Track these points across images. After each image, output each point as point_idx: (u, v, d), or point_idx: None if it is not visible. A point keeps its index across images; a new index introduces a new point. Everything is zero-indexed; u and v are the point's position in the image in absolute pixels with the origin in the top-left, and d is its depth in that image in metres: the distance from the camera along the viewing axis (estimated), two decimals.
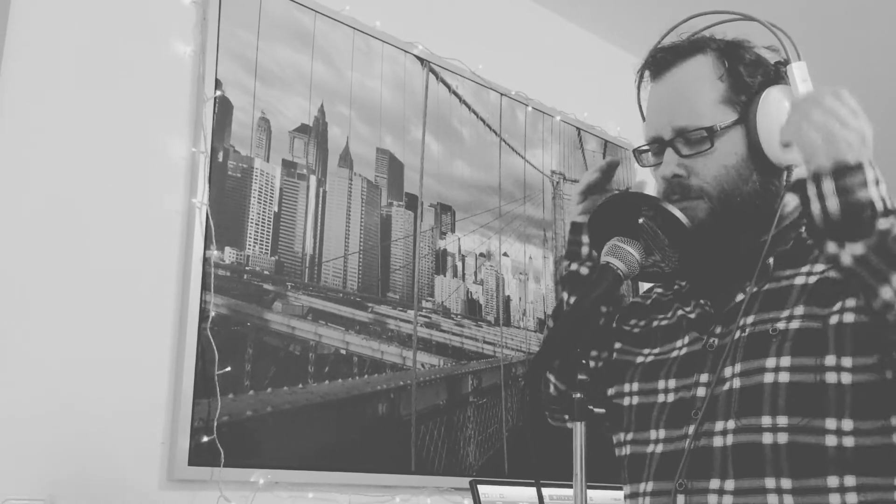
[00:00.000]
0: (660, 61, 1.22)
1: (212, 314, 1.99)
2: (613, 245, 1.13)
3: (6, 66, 1.82)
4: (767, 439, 1.06)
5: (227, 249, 2.06)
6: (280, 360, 2.10)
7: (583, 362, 1.31)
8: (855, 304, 1.05)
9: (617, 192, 1.31)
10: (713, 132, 1.15)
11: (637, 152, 1.25)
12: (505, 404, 2.58)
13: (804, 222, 1.17)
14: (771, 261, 1.16)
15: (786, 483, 1.04)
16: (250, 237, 2.11)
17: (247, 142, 2.16)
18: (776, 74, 1.18)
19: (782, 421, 1.06)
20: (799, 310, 1.10)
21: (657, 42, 1.24)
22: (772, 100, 1.14)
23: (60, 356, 1.79)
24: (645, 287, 1.40)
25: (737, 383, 1.11)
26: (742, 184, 1.15)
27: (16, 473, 1.70)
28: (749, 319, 1.14)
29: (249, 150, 2.16)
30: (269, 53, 2.24)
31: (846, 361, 1.05)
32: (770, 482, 1.05)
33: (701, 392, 1.15)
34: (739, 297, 1.17)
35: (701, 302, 1.22)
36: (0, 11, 1.83)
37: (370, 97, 2.44)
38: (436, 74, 2.63)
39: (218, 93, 2.11)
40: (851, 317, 1.06)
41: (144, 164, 1.99)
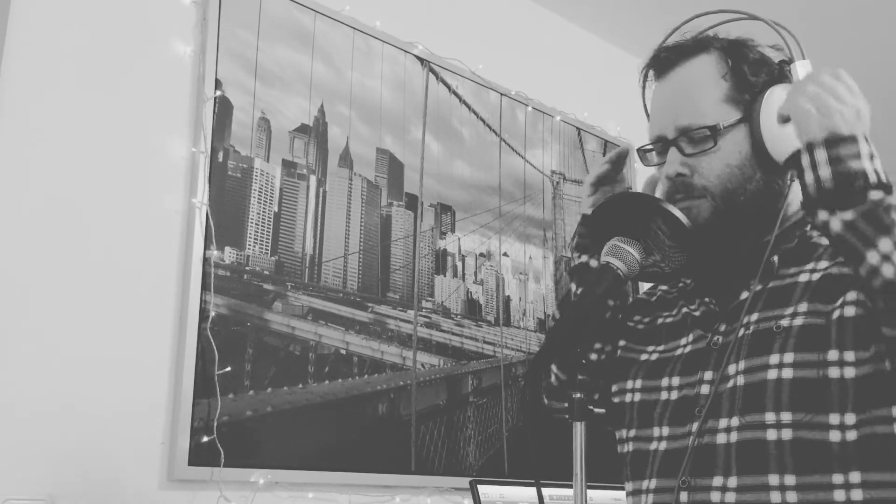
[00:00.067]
0: (664, 60, 1.22)
1: (212, 314, 1.99)
2: (613, 245, 1.13)
3: (6, 66, 1.82)
4: (771, 436, 1.06)
5: (227, 249, 2.06)
6: (280, 360, 2.10)
7: (583, 362, 1.32)
8: (855, 298, 1.05)
9: (617, 193, 1.31)
10: (717, 131, 1.15)
11: (641, 151, 1.25)
12: (505, 404, 2.58)
13: (809, 221, 1.17)
14: (776, 259, 1.16)
15: (789, 480, 1.04)
16: (250, 237, 2.12)
17: (247, 142, 2.16)
18: (780, 73, 1.18)
19: (786, 417, 1.06)
20: (802, 306, 1.10)
21: (661, 41, 1.24)
22: (775, 98, 1.13)
23: (60, 356, 1.79)
24: (648, 284, 1.40)
25: (741, 380, 1.11)
26: (746, 182, 1.15)
27: (16, 473, 1.70)
28: (753, 317, 1.14)
29: (249, 150, 2.16)
30: (269, 53, 2.24)
31: (848, 356, 1.05)
32: (774, 479, 1.05)
33: (705, 389, 1.15)
34: (744, 295, 1.17)
35: (706, 300, 1.22)
36: (0, 11, 1.83)
37: (370, 97, 2.44)
38: (436, 74, 2.63)
39: (218, 93, 2.11)
40: (852, 310, 1.05)
41: (144, 164, 1.99)
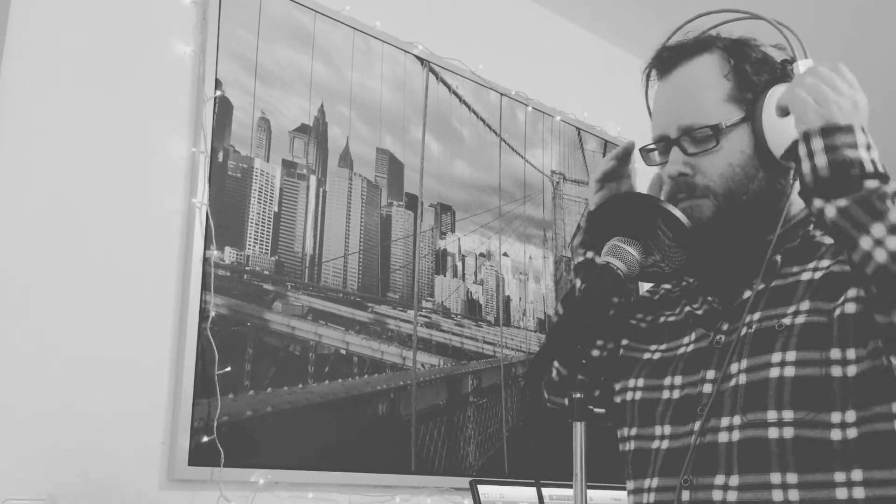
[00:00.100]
0: (666, 60, 1.22)
1: (212, 314, 1.99)
2: (613, 245, 1.14)
3: (6, 66, 1.82)
4: (773, 434, 1.06)
5: (227, 249, 2.06)
6: (280, 360, 2.10)
7: (583, 362, 1.31)
8: (856, 294, 1.05)
9: (617, 193, 1.31)
10: (719, 130, 1.15)
11: (644, 151, 1.25)
12: (505, 404, 2.58)
13: (812, 220, 1.17)
14: (779, 258, 1.16)
15: (791, 478, 1.04)
16: (250, 237, 2.12)
17: (247, 142, 2.16)
18: (783, 72, 1.18)
19: (788, 415, 1.05)
20: (805, 305, 1.10)
21: (664, 41, 1.24)
22: (777, 97, 1.13)
23: (60, 356, 1.79)
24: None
25: (742, 379, 1.10)
26: (748, 182, 1.15)
27: (16, 473, 1.70)
28: (756, 316, 1.14)
29: (249, 150, 2.16)
30: (269, 53, 2.24)
31: (850, 353, 1.05)
32: (776, 477, 1.05)
33: (707, 388, 1.15)
34: (746, 294, 1.17)
35: (709, 299, 1.22)
36: (0, 11, 1.83)
37: (370, 97, 2.44)
38: (436, 74, 2.63)
39: (218, 93, 2.11)
40: (853, 307, 1.05)
41: (144, 164, 1.99)
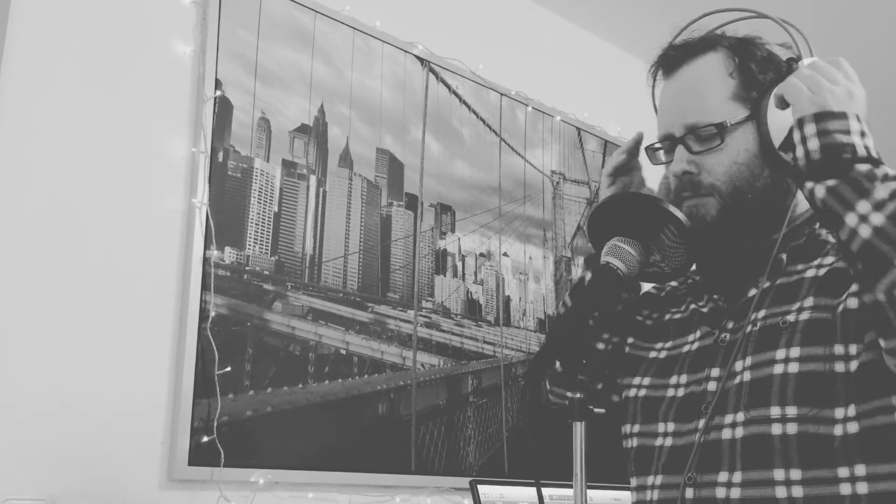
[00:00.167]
0: (672, 59, 1.22)
1: (212, 314, 1.99)
2: (613, 245, 1.13)
3: (6, 66, 1.82)
4: (777, 430, 1.06)
5: (227, 249, 2.06)
6: (280, 360, 2.09)
7: (583, 362, 1.31)
8: (858, 288, 1.05)
9: (616, 193, 1.31)
10: (724, 128, 1.15)
11: (649, 150, 1.25)
12: (505, 404, 2.58)
13: (818, 226, 1.17)
14: (784, 256, 1.16)
15: (795, 474, 1.04)
16: (250, 237, 2.11)
17: (247, 142, 2.16)
18: (788, 70, 1.17)
19: (791, 411, 1.05)
20: (808, 301, 1.10)
21: (671, 40, 1.24)
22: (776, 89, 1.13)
23: (60, 356, 1.79)
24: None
25: (747, 376, 1.10)
26: (754, 180, 1.15)
27: (16, 473, 1.70)
28: (760, 314, 1.14)
29: (249, 150, 2.16)
30: (269, 53, 2.24)
31: (852, 349, 1.05)
32: (779, 474, 1.05)
33: (712, 386, 1.15)
34: (752, 293, 1.17)
35: (714, 297, 1.22)
36: (0, 11, 1.83)
37: (370, 97, 2.44)
38: (436, 74, 2.63)
39: (218, 93, 2.11)
40: (855, 301, 1.05)
41: (144, 164, 1.99)
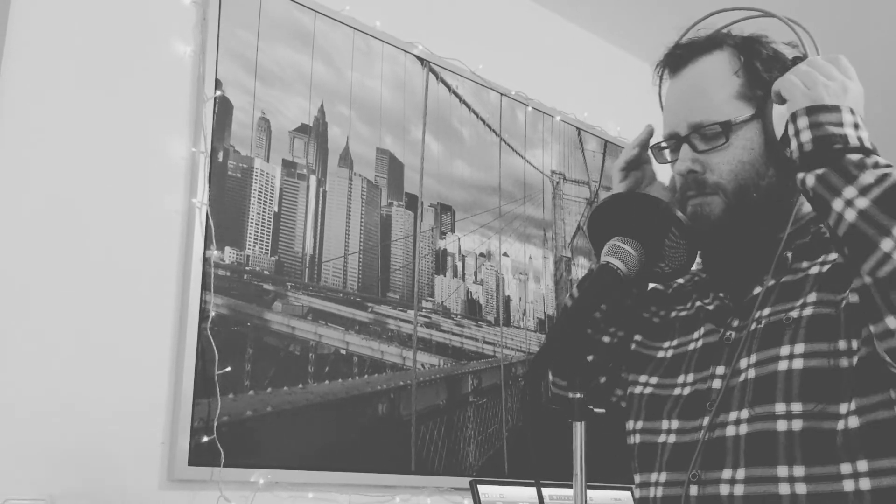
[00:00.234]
0: (677, 58, 1.22)
1: (212, 314, 1.99)
2: (613, 245, 1.14)
3: (6, 66, 1.82)
4: (782, 426, 1.06)
5: (227, 249, 2.06)
6: (280, 360, 2.10)
7: (588, 358, 1.31)
8: (851, 276, 1.05)
9: (616, 193, 1.31)
10: (729, 127, 1.15)
11: (655, 148, 1.25)
12: (505, 404, 2.58)
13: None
14: (789, 254, 1.16)
15: (798, 471, 1.04)
16: (250, 237, 2.12)
17: (247, 142, 2.16)
18: None
19: (796, 408, 1.05)
20: (812, 297, 1.10)
21: (677, 39, 1.24)
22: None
23: (60, 356, 1.79)
24: None
25: (751, 374, 1.10)
26: (759, 179, 1.15)
27: (16, 473, 1.70)
28: (765, 311, 1.14)
29: (249, 150, 2.16)
30: (269, 53, 2.24)
31: (855, 344, 1.05)
32: (782, 470, 1.05)
33: (716, 384, 1.15)
34: (757, 290, 1.17)
35: (720, 295, 1.22)
36: (0, 11, 1.83)
37: (370, 97, 2.44)
38: (436, 74, 2.63)
39: (218, 93, 2.11)
40: (856, 296, 1.05)
41: (144, 164, 1.99)
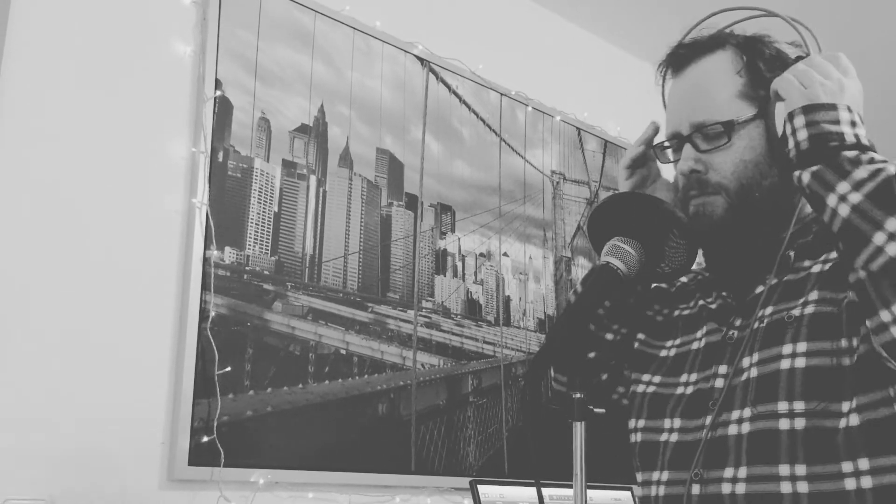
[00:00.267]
0: (680, 57, 1.22)
1: (212, 314, 1.99)
2: (613, 245, 1.13)
3: (6, 66, 1.82)
4: (784, 425, 1.05)
5: (227, 249, 2.06)
6: (280, 360, 2.10)
7: (590, 355, 1.31)
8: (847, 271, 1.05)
9: (616, 193, 1.31)
10: (731, 127, 1.15)
11: (658, 148, 1.25)
12: (505, 404, 2.58)
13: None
14: (792, 254, 1.16)
15: (800, 469, 1.04)
16: (250, 237, 2.12)
17: (247, 142, 2.16)
18: None
19: (799, 406, 1.05)
20: (814, 295, 1.10)
21: (680, 39, 1.24)
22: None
23: (60, 356, 1.79)
24: None
25: (754, 372, 1.10)
26: (761, 179, 1.15)
27: (16, 474, 1.70)
28: (768, 310, 1.14)
29: (249, 150, 2.16)
30: (269, 53, 2.24)
31: (856, 342, 1.05)
32: (784, 469, 1.05)
33: (719, 383, 1.15)
34: (759, 289, 1.17)
35: (723, 294, 1.22)
36: (0, 11, 1.83)
37: (370, 97, 2.44)
38: (436, 74, 2.63)
39: (218, 93, 2.11)
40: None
41: (144, 164, 1.99)
